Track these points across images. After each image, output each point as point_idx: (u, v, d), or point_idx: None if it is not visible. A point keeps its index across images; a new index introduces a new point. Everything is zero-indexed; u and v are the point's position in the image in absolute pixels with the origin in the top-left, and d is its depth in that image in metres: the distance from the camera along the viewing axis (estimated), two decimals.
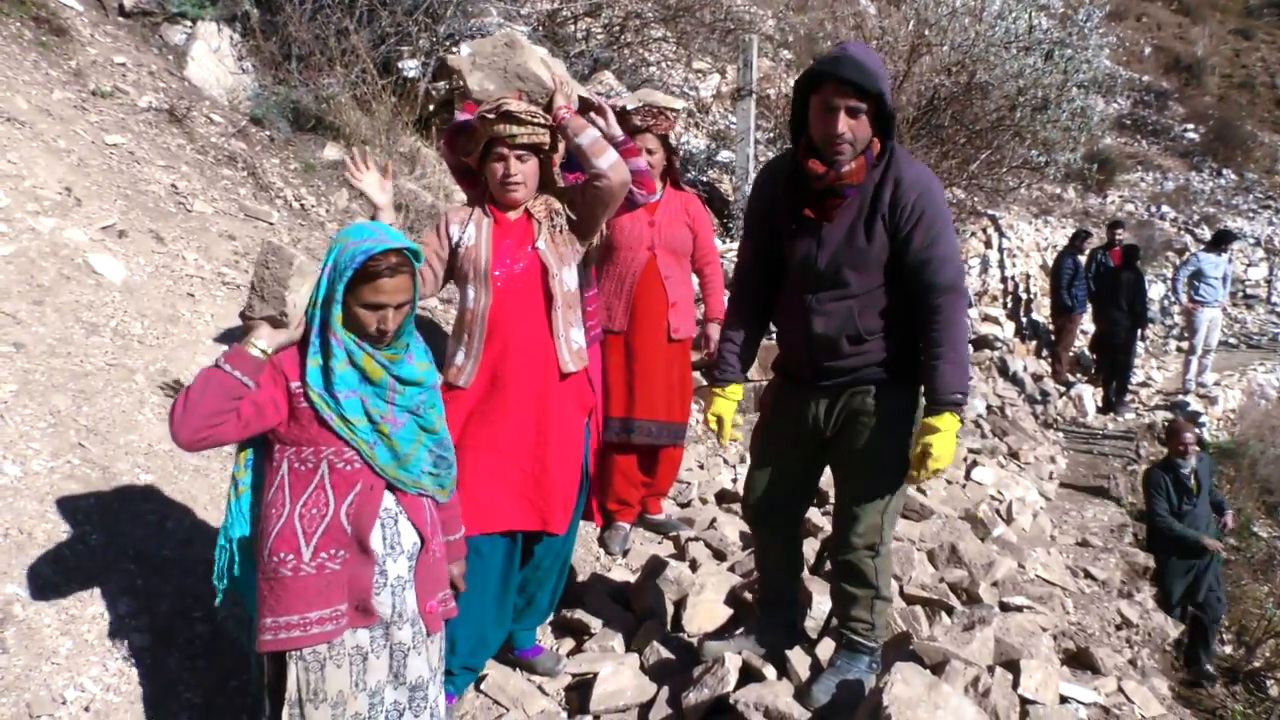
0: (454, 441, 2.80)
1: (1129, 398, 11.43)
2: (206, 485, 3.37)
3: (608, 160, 2.89)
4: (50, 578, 2.75)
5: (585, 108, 3.52)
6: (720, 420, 3.05)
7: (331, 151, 5.77)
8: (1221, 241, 11.47)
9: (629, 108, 4.06)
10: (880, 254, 2.68)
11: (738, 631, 3.35)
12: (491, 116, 2.88)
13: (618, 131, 3.45)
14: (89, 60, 5.01)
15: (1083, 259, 11.44)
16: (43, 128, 4.29)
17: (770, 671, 3.09)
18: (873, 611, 2.93)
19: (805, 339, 2.81)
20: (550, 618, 3.65)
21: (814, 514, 4.49)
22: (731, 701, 2.93)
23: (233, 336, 3.98)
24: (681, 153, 8.37)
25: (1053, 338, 12.40)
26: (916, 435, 2.72)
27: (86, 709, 2.56)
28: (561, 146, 3.13)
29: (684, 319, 4.36)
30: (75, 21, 5.18)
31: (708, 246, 4.53)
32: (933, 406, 2.66)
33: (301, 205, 5.27)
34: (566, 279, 3.02)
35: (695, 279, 4.62)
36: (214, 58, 5.69)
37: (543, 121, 2.92)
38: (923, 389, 2.75)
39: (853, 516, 2.85)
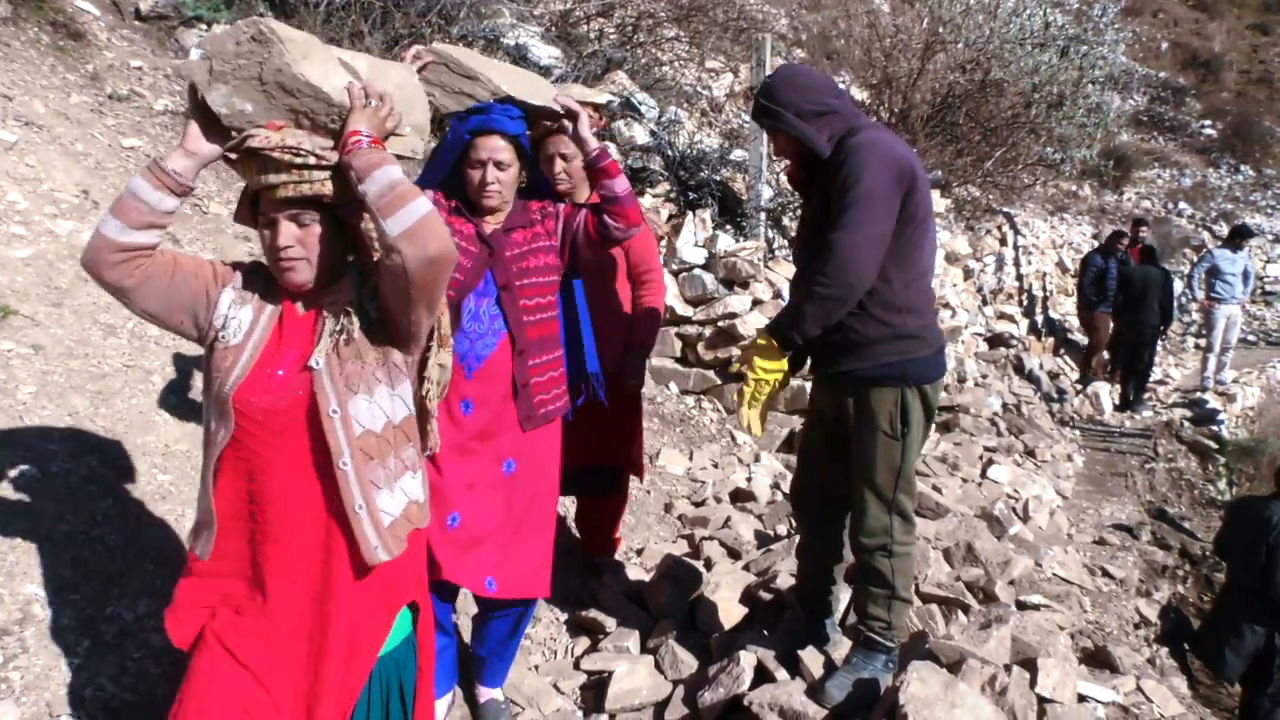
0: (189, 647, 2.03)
1: (1147, 395, 11.35)
2: None
3: (401, 223, 1.79)
4: (69, 578, 2.77)
5: (548, 116, 2.78)
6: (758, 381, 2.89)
7: None
8: (1237, 237, 11.37)
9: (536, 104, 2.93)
10: (819, 227, 2.81)
11: (763, 631, 3.35)
12: (234, 158, 1.91)
13: (591, 142, 2.76)
14: (106, 64, 5.05)
15: (1112, 261, 11.39)
16: (60, 131, 4.32)
17: (783, 674, 3.08)
18: (890, 611, 2.93)
19: None
20: None
21: None
22: (746, 703, 2.93)
23: None
24: (695, 151, 8.33)
25: (1070, 335, 12.32)
26: None
27: (105, 708, 2.58)
28: (491, 172, 2.55)
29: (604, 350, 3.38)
30: (92, 26, 5.22)
31: (643, 260, 3.74)
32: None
33: None
34: (362, 416, 1.94)
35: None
36: None
37: (315, 161, 1.86)
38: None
39: (859, 519, 2.88)
